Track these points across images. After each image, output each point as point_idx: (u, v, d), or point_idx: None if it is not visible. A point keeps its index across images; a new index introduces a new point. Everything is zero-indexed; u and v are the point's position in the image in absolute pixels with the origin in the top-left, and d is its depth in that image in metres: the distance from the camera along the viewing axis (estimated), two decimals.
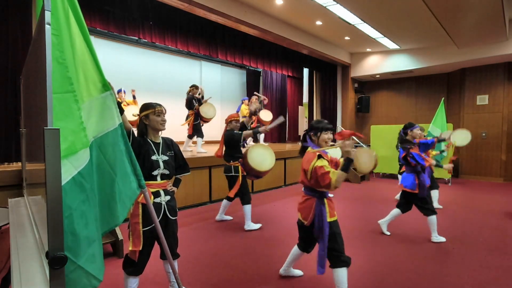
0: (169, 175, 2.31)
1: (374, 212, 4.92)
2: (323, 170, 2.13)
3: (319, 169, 2.14)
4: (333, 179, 2.08)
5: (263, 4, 6.27)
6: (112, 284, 2.67)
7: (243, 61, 7.71)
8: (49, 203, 1.02)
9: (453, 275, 2.83)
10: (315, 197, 2.35)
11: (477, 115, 8.70)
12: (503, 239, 3.76)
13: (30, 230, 1.83)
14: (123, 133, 1.51)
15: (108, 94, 1.46)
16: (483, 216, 4.76)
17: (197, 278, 2.78)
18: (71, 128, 1.18)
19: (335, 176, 2.08)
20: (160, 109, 2.25)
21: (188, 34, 6.34)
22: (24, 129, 2.91)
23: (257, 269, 2.96)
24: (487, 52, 7.69)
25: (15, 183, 3.49)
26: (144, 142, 2.23)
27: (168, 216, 2.27)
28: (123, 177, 1.48)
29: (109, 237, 3.36)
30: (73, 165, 1.15)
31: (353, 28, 7.29)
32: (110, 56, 7.68)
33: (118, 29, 5.41)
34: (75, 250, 1.11)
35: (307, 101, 10.58)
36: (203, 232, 4.04)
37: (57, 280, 1.04)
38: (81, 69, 1.32)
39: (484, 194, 6.63)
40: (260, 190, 6.67)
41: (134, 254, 2.15)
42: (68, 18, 1.25)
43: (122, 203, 1.45)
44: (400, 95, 10.39)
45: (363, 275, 2.83)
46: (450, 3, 5.30)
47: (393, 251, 3.39)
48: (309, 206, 2.37)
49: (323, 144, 2.37)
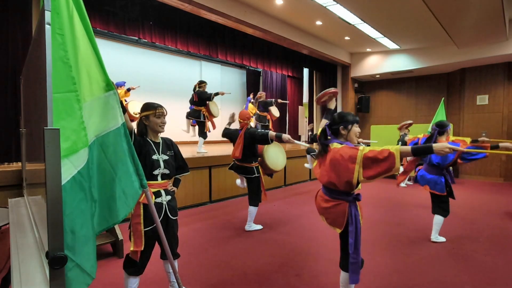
0: (170, 174, 2.31)
1: (374, 212, 4.92)
2: (376, 150, 1.79)
3: (371, 152, 1.80)
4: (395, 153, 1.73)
5: (263, 4, 6.27)
6: (112, 284, 2.67)
7: (243, 61, 7.71)
8: (49, 203, 1.03)
9: (453, 275, 2.83)
10: (348, 201, 2.08)
11: (477, 115, 8.70)
12: (503, 239, 3.76)
13: (30, 230, 1.83)
14: (126, 133, 1.51)
15: (112, 94, 1.46)
16: (483, 216, 4.76)
17: (197, 278, 2.78)
18: (73, 127, 1.18)
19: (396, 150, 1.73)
20: (161, 110, 2.23)
21: (188, 34, 6.34)
22: (24, 129, 2.91)
23: (257, 269, 2.96)
24: (487, 52, 7.69)
25: (15, 183, 3.49)
26: (144, 142, 2.23)
27: (169, 216, 2.27)
28: (125, 176, 1.49)
29: (109, 237, 3.36)
30: (74, 164, 1.16)
31: (353, 28, 7.29)
32: (110, 56, 7.68)
33: (118, 29, 5.41)
34: (73, 248, 1.12)
35: (307, 101, 10.58)
36: (203, 232, 4.04)
37: (57, 280, 1.04)
38: (85, 69, 1.33)
39: (484, 194, 6.63)
40: None
41: (135, 254, 2.15)
42: (72, 17, 1.26)
43: (122, 201, 1.45)
44: (400, 95, 10.39)
45: (363, 275, 2.82)
46: (450, 3, 5.30)
47: (393, 251, 3.39)
48: (342, 211, 2.09)
49: (354, 138, 2.10)
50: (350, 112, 2.23)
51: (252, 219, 4.12)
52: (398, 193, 6.35)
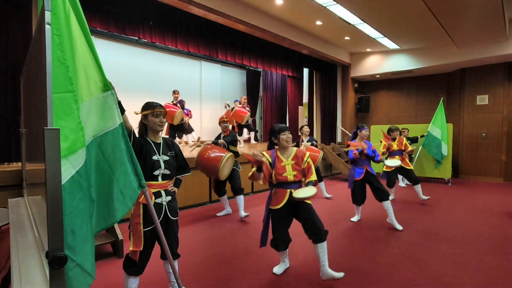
0: (170, 175, 2.31)
1: (373, 212, 4.92)
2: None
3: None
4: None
5: (263, 4, 6.27)
6: (112, 284, 2.67)
7: (243, 61, 7.70)
8: (49, 203, 1.03)
9: (453, 275, 2.83)
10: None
11: (477, 115, 8.70)
12: (502, 239, 3.76)
13: (30, 230, 1.83)
14: (124, 133, 1.51)
15: (109, 94, 1.47)
16: (483, 216, 4.76)
17: (197, 278, 2.78)
18: (72, 127, 1.18)
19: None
20: (160, 110, 2.21)
21: (188, 34, 6.34)
22: (24, 129, 2.91)
23: (257, 269, 2.96)
24: (487, 52, 7.69)
25: (15, 183, 3.49)
26: (145, 142, 2.22)
27: (169, 217, 2.27)
28: (123, 176, 1.49)
29: (109, 237, 3.36)
30: (72, 164, 1.16)
31: (353, 28, 7.29)
32: (110, 56, 7.68)
33: (118, 29, 5.40)
34: (74, 248, 1.12)
35: (307, 101, 10.58)
36: (203, 232, 4.04)
37: (57, 280, 1.04)
38: (82, 69, 1.33)
39: (484, 194, 6.63)
40: (260, 190, 6.67)
41: (135, 254, 2.15)
42: (69, 18, 1.26)
43: (120, 201, 1.46)
44: (400, 95, 10.39)
45: (364, 275, 2.83)
46: (450, 3, 5.30)
47: (393, 251, 3.39)
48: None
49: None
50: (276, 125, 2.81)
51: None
52: (398, 193, 6.34)
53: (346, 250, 3.42)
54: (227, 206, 4.86)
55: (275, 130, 2.72)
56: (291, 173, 2.64)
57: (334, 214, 4.87)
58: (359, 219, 4.52)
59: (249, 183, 6.42)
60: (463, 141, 8.91)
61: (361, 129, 4.25)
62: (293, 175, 2.64)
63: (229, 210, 4.87)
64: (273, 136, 2.72)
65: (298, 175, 2.67)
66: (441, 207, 5.33)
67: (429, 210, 5.16)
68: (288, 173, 2.64)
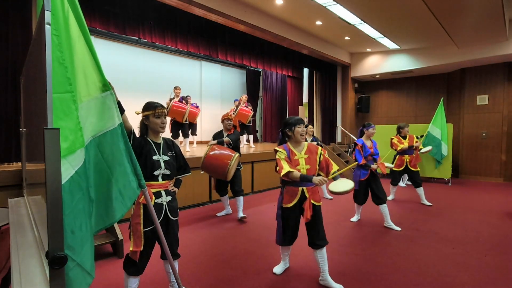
0: (170, 175, 2.30)
1: (373, 212, 4.92)
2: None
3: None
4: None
5: (263, 4, 6.27)
6: (112, 284, 2.67)
7: (243, 61, 7.70)
8: (49, 203, 1.03)
9: (453, 275, 2.83)
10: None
11: (477, 115, 8.70)
12: (502, 239, 3.76)
13: (30, 230, 1.83)
14: (123, 133, 1.51)
15: (108, 94, 1.46)
16: (483, 216, 4.76)
17: (197, 278, 2.78)
18: (71, 127, 1.18)
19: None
20: (161, 110, 2.20)
21: (188, 34, 6.34)
22: (24, 129, 2.91)
23: (257, 269, 2.96)
24: (487, 52, 7.68)
25: (15, 183, 3.49)
26: (145, 142, 2.22)
27: (169, 217, 2.27)
28: (122, 176, 1.49)
29: (109, 237, 3.36)
30: (71, 164, 1.16)
31: (353, 28, 7.29)
32: (110, 56, 7.68)
33: (118, 29, 5.40)
34: (74, 248, 1.13)
35: (307, 101, 10.58)
36: (203, 232, 4.04)
37: (57, 280, 1.04)
38: (81, 69, 1.33)
39: (484, 194, 6.63)
40: (260, 190, 6.67)
41: (135, 254, 2.15)
42: (68, 18, 1.26)
43: (119, 201, 1.45)
44: (400, 95, 10.39)
45: (364, 275, 2.83)
46: (450, 3, 5.30)
47: (393, 251, 3.39)
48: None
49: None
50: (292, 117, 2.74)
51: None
52: (398, 193, 6.34)
53: (346, 250, 3.41)
54: (228, 206, 4.86)
55: (290, 122, 2.64)
56: (304, 166, 2.61)
57: (334, 214, 4.87)
58: (359, 219, 4.53)
59: (249, 183, 6.43)
60: (463, 141, 8.91)
61: (368, 127, 4.23)
62: (306, 168, 2.61)
63: (229, 210, 4.87)
64: (288, 128, 2.65)
65: (311, 169, 2.63)
66: (441, 207, 5.33)
67: (429, 210, 5.16)
68: (302, 166, 2.61)
